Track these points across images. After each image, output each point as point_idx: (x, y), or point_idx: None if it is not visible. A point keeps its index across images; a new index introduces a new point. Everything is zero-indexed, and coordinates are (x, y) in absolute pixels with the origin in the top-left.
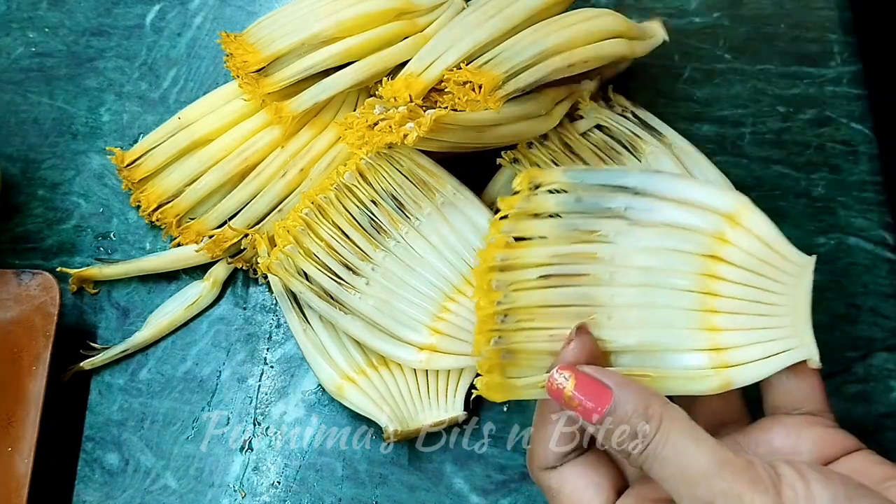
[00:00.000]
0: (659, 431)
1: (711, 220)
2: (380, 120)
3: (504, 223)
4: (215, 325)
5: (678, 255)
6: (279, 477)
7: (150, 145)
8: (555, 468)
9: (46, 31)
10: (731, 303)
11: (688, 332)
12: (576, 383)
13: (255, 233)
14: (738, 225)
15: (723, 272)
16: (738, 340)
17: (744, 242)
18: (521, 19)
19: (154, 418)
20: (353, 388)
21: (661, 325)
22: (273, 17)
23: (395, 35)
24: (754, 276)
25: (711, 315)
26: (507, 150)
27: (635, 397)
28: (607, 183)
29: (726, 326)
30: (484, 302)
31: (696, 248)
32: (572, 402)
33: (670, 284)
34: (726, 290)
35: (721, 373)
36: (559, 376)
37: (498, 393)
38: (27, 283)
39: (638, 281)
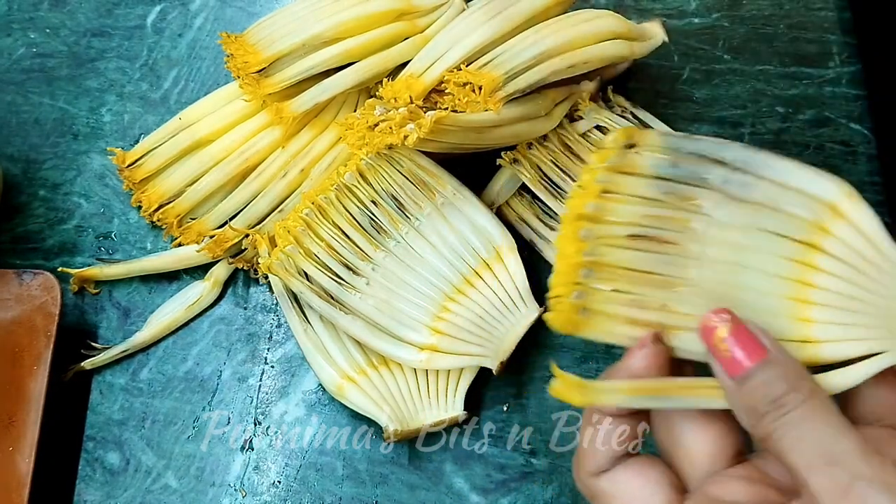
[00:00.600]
0: (805, 403)
1: (813, 206)
2: (380, 121)
3: (599, 172)
4: (216, 325)
5: (774, 239)
6: (280, 476)
7: (151, 146)
8: (605, 472)
9: (48, 31)
10: (826, 295)
11: (779, 321)
12: (732, 328)
13: (256, 233)
14: (840, 215)
15: (820, 262)
16: (833, 335)
17: (845, 234)
18: (522, 20)
19: (155, 418)
20: (353, 388)
21: (750, 309)
22: (274, 18)
23: (395, 36)
24: (852, 271)
25: (805, 306)
26: (507, 150)
27: (790, 363)
28: (705, 154)
29: (820, 319)
30: (570, 250)
31: (794, 234)
32: (721, 345)
33: (764, 267)
34: (822, 282)
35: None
36: (716, 316)
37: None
38: (28, 283)
39: (730, 259)
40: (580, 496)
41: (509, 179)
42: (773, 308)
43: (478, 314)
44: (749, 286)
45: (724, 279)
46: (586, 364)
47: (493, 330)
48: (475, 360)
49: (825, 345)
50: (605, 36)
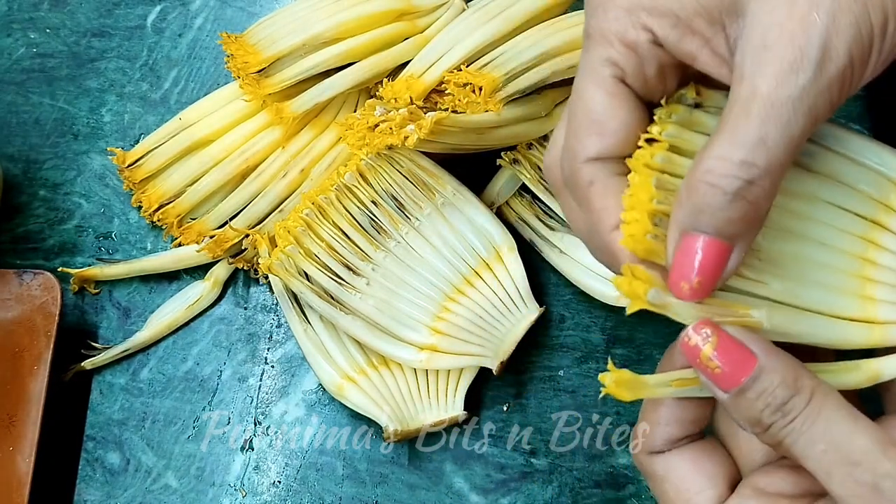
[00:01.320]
0: (809, 405)
1: (880, 184)
2: (380, 121)
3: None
4: (216, 325)
5: (839, 212)
6: (280, 476)
7: (152, 146)
8: (662, 453)
9: (48, 31)
10: (891, 276)
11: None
12: (717, 343)
13: (256, 233)
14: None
15: (885, 241)
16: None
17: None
18: (522, 21)
19: (155, 418)
20: (353, 388)
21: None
22: (274, 18)
23: (395, 36)
24: None
25: (869, 284)
26: (507, 150)
27: (784, 366)
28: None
29: (885, 299)
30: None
31: (859, 209)
32: (710, 363)
33: (827, 240)
34: (887, 261)
35: (867, 364)
36: (698, 334)
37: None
38: (29, 283)
39: (793, 227)
40: (580, 496)
41: (509, 180)
42: (836, 284)
43: (478, 314)
44: (811, 258)
45: (788, 249)
46: (586, 364)
47: (493, 330)
48: (475, 360)
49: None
50: None
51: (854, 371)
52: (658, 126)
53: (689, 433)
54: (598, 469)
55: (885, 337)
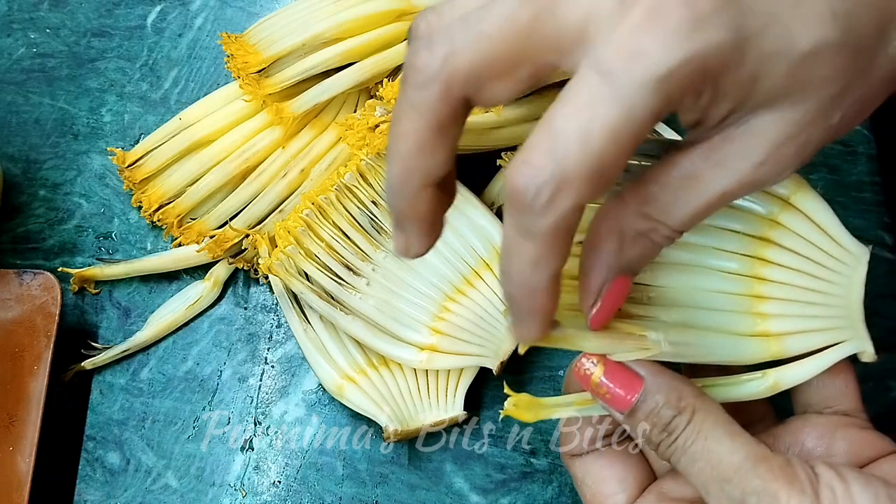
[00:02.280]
0: (691, 423)
1: (764, 200)
2: (381, 122)
3: None
4: (216, 325)
5: (727, 235)
6: (280, 476)
7: (152, 146)
8: (581, 456)
9: (48, 31)
10: (781, 289)
11: (734, 316)
12: (605, 369)
13: (256, 233)
14: (792, 207)
15: (773, 256)
16: (788, 327)
17: (797, 226)
18: None
19: (155, 418)
20: (353, 388)
21: (708, 309)
22: (274, 19)
23: (395, 36)
24: (806, 262)
25: (759, 301)
26: (507, 150)
27: (667, 386)
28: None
29: (775, 313)
30: None
31: (746, 229)
32: (600, 388)
33: (716, 266)
34: (776, 276)
35: (768, 375)
36: (587, 361)
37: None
38: (29, 283)
39: (682, 259)
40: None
41: None
42: (730, 305)
43: (478, 314)
44: (705, 286)
45: (677, 281)
46: None
47: (493, 330)
48: (475, 360)
49: (784, 338)
50: None
51: (756, 381)
52: None
53: (605, 435)
54: None
55: (781, 349)
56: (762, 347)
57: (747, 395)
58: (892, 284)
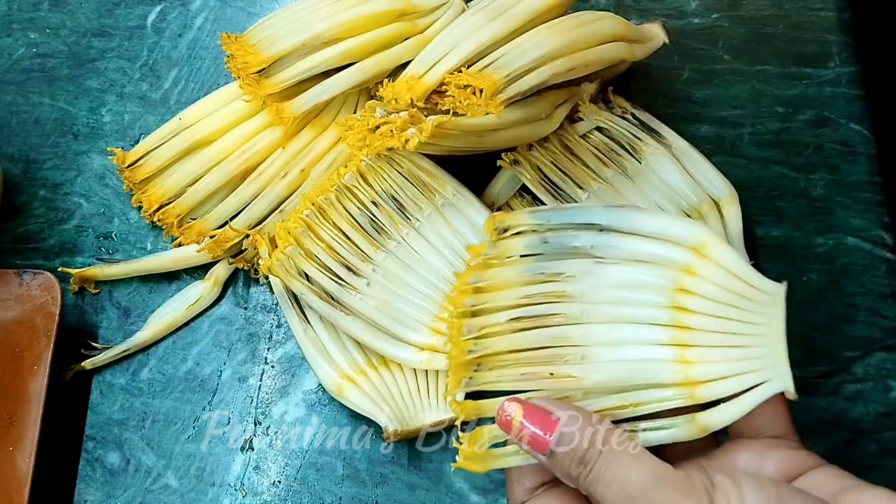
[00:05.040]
0: (602, 454)
1: (678, 252)
2: (381, 123)
3: (470, 273)
4: (216, 325)
5: (646, 289)
6: (280, 476)
7: (152, 146)
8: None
9: (48, 31)
10: (702, 336)
11: (661, 366)
12: (524, 412)
13: (256, 233)
14: (704, 256)
15: (691, 304)
16: (712, 373)
17: (711, 273)
18: (522, 22)
19: (155, 418)
20: (353, 388)
21: (633, 361)
22: (274, 19)
23: (395, 36)
24: (724, 307)
25: (682, 349)
26: (507, 151)
27: (582, 423)
28: (573, 221)
29: (699, 359)
30: (456, 351)
31: (663, 281)
32: (521, 431)
33: (639, 318)
34: (696, 323)
35: (697, 418)
36: (509, 406)
37: (477, 464)
38: (29, 283)
39: (608, 317)
40: None
41: (509, 180)
42: (655, 356)
43: None
44: (630, 339)
45: (606, 338)
46: None
47: None
48: None
49: (709, 384)
50: (606, 38)
51: (688, 425)
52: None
53: (543, 481)
54: None
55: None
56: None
57: (677, 438)
58: (892, 284)
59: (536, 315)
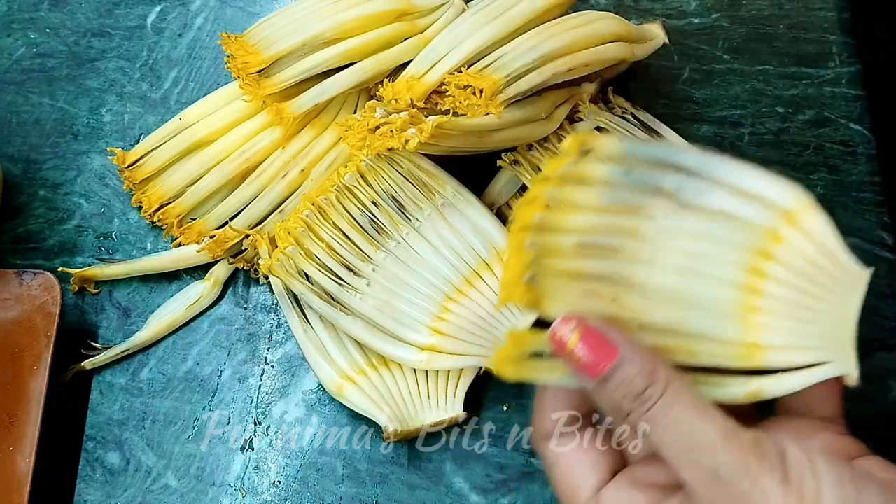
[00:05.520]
0: (664, 396)
1: (768, 214)
2: (381, 123)
3: (548, 184)
4: (216, 325)
5: (727, 246)
6: (280, 476)
7: (152, 146)
8: (552, 439)
9: (48, 31)
10: (775, 304)
11: (725, 324)
12: (581, 335)
13: (256, 233)
14: (795, 224)
15: (771, 271)
16: (778, 341)
17: (799, 243)
18: (522, 22)
19: (155, 418)
20: (353, 388)
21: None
22: (274, 19)
23: (395, 36)
24: (804, 279)
25: (753, 313)
26: (507, 151)
27: (642, 358)
28: (662, 159)
29: (766, 326)
30: (514, 261)
31: (746, 241)
32: (574, 355)
33: (714, 274)
34: (772, 290)
35: (751, 381)
36: (564, 327)
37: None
38: (29, 283)
39: (680, 266)
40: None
41: (509, 180)
42: (722, 314)
43: (478, 314)
44: (700, 293)
45: (672, 286)
46: None
47: (493, 330)
48: (476, 361)
49: (771, 352)
50: (605, 38)
51: (737, 386)
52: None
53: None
54: None
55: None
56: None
57: (726, 398)
58: (892, 284)
59: (605, 246)
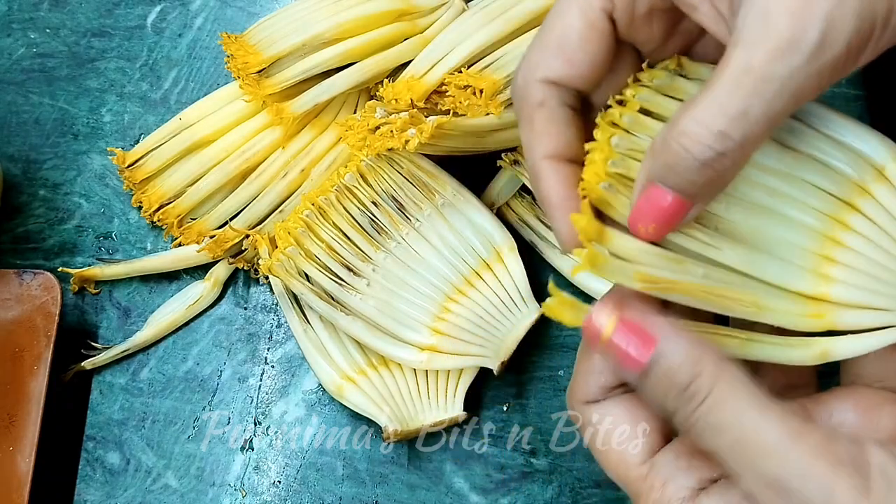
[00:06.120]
0: (712, 393)
1: (858, 165)
2: (381, 124)
3: (644, 90)
4: (216, 325)
5: (812, 190)
6: (280, 476)
7: (152, 146)
8: (597, 402)
9: (48, 31)
10: (854, 257)
11: (798, 270)
12: (616, 326)
13: (256, 234)
14: (884, 179)
15: (853, 222)
16: (850, 298)
17: (885, 198)
18: (522, 22)
19: (155, 418)
20: (353, 388)
21: (770, 253)
22: (274, 19)
23: (395, 36)
24: (885, 238)
25: (829, 264)
26: (507, 151)
27: (686, 346)
28: None
29: (841, 279)
30: (598, 156)
31: (832, 189)
32: (609, 348)
33: (795, 217)
34: (852, 243)
35: (818, 342)
36: (601, 314)
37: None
38: (29, 283)
39: (761, 202)
40: (580, 496)
41: (510, 180)
42: (797, 258)
43: (478, 314)
44: (776, 234)
45: (751, 221)
46: None
47: (493, 330)
48: (476, 361)
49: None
50: None
51: (803, 347)
52: (631, 89)
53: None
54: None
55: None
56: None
57: (793, 359)
58: None
59: None
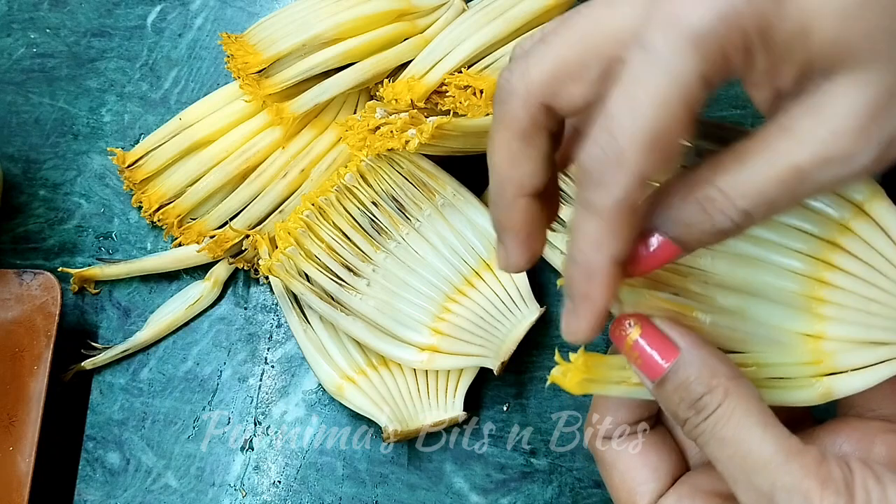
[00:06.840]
0: (722, 406)
1: (839, 204)
2: (381, 124)
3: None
4: (216, 325)
5: (795, 234)
6: (280, 476)
7: (152, 146)
8: (612, 441)
9: (48, 31)
10: (842, 295)
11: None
12: (642, 332)
13: (256, 234)
14: (865, 215)
15: (840, 261)
16: (845, 334)
17: (868, 234)
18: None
19: (155, 418)
20: (352, 388)
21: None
22: (274, 19)
23: (395, 36)
24: (872, 272)
25: (819, 304)
26: None
27: (702, 361)
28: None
29: (834, 316)
30: None
31: (815, 231)
32: (633, 351)
33: (781, 262)
34: (839, 281)
35: (821, 382)
36: (626, 322)
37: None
38: (28, 283)
39: (745, 251)
40: (580, 496)
41: None
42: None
43: (478, 314)
44: (763, 281)
45: (739, 271)
46: None
47: (493, 330)
48: (476, 361)
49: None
50: None
51: (807, 389)
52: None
53: (637, 419)
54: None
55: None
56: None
57: (798, 401)
58: None
59: None
